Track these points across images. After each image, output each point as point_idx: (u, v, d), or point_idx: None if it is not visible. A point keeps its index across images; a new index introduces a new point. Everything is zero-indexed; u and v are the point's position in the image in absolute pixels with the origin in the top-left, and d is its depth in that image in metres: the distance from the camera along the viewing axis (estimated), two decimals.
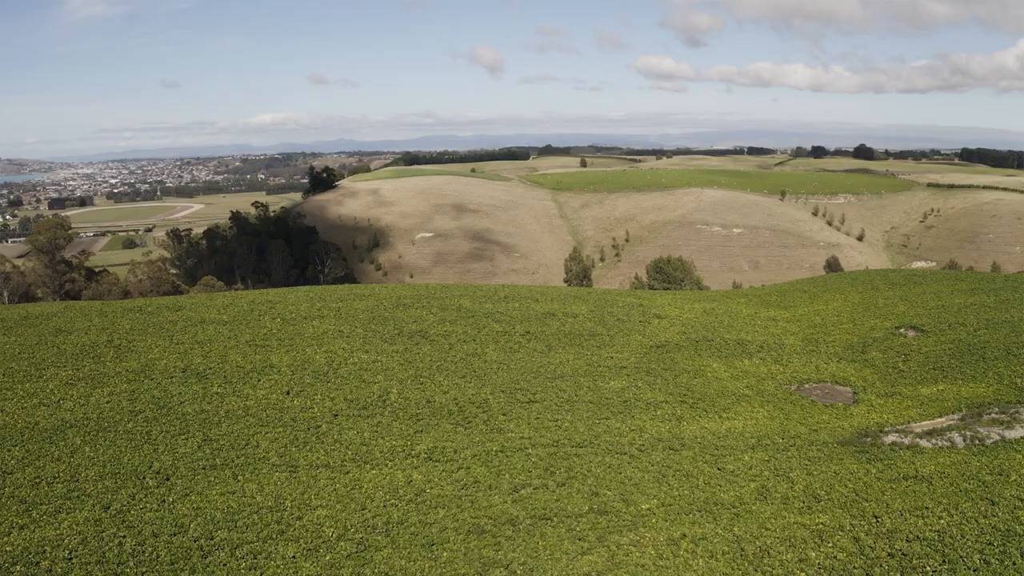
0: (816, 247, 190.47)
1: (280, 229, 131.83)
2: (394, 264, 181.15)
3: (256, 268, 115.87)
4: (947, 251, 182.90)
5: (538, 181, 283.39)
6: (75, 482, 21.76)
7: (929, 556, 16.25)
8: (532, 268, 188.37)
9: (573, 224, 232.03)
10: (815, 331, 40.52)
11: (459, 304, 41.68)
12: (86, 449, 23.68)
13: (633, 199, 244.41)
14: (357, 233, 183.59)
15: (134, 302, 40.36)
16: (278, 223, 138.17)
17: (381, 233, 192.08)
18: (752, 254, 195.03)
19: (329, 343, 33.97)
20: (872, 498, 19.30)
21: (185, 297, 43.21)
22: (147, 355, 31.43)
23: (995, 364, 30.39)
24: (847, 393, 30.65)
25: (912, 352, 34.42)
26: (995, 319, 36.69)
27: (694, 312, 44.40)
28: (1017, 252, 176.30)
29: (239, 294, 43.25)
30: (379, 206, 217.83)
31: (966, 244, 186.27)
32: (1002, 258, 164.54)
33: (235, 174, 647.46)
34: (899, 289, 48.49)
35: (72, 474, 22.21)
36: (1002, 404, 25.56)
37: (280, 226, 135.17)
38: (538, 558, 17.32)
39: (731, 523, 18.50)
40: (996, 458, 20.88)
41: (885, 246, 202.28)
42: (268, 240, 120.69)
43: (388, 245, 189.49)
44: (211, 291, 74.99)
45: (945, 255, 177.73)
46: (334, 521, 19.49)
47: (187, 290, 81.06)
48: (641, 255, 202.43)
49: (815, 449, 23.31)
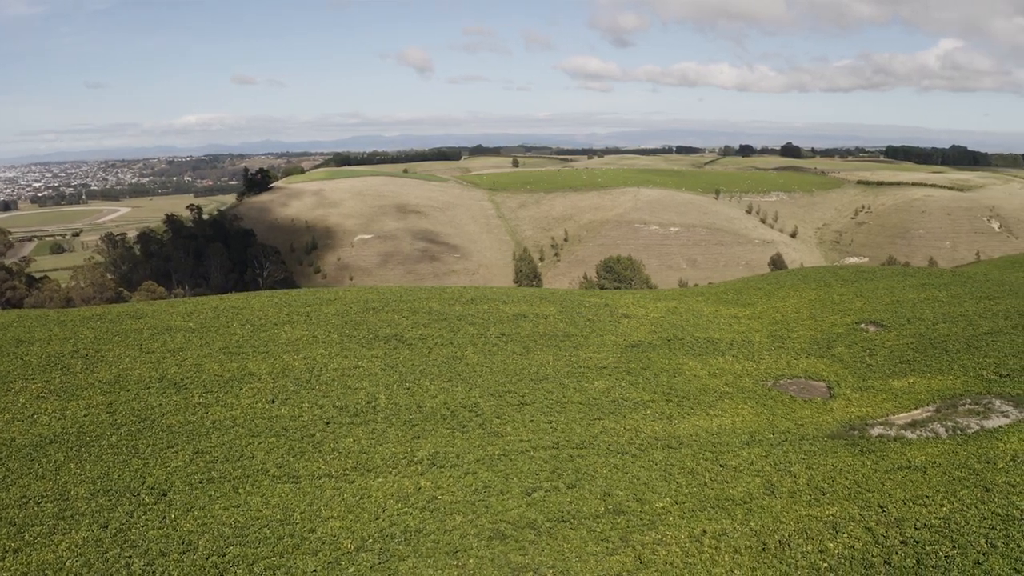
0: (752, 245, 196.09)
1: (217, 232, 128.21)
2: (339, 265, 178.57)
3: (194, 272, 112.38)
4: (879, 247, 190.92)
5: (474, 181, 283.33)
6: (65, 501, 20.84)
7: (939, 542, 17.03)
8: (472, 269, 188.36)
9: (511, 224, 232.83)
10: (778, 328, 41.73)
11: (429, 307, 41.39)
12: (71, 466, 22.68)
13: (570, 199, 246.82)
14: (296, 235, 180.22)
15: (91, 310, 38.70)
16: (215, 226, 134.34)
17: (323, 234, 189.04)
18: (690, 252, 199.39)
19: (306, 349, 33.30)
20: (874, 489, 20.09)
21: (145, 304, 41.62)
22: (118, 365, 30.22)
23: (958, 357, 31.94)
24: (822, 388, 31.73)
25: (876, 347, 35.85)
26: (950, 313, 38.54)
27: (659, 311, 45.15)
28: (947, 247, 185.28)
29: (200, 300, 41.93)
30: (321, 207, 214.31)
31: (897, 240, 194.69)
32: (933, 253, 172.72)
33: (161, 176, 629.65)
34: (852, 285, 50.30)
35: (61, 492, 21.26)
36: (973, 395, 26.90)
37: (217, 229, 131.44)
38: (566, 561, 17.43)
39: (746, 518, 18.99)
40: (981, 447, 21.99)
41: (818, 243, 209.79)
42: (205, 244, 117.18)
43: (331, 247, 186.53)
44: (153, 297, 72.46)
45: (877, 251, 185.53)
46: (349, 532, 19.18)
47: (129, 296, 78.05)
48: (581, 254, 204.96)
49: (808, 443, 24.09)
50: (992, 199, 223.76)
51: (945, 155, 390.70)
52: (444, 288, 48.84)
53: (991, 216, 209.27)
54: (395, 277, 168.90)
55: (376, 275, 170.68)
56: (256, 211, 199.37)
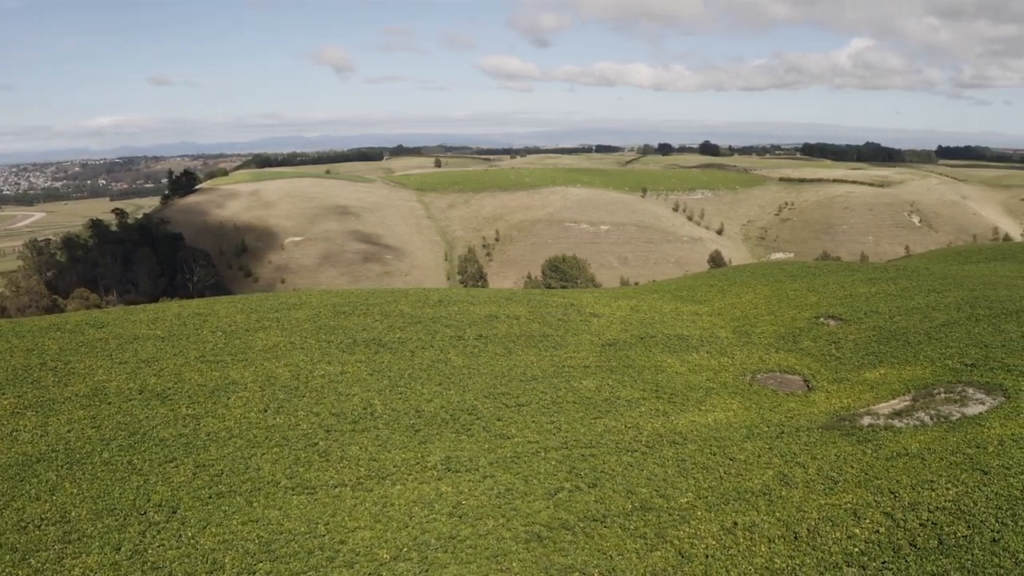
0: (680, 242, 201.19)
1: (144, 237, 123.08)
2: (275, 268, 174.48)
3: (122, 278, 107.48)
4: (804, 242, 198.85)
5: (401, 182, 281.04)
6: (68, 523, 19.79)
7: (955, 523, 18.04)
8: (406, 270, 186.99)
9: (441, 225, 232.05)
10: (741, 324, 43.03)
11: (400, 310, 40.98)
12: (66, 485, 21.55)
13: (499, 199, 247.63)
14: (226, 238, 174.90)
15: (47, 319, 36.69)
16: (141, 230, 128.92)
17: (256, 237, 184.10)
18: (620, 250, 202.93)
19: (286, 356, 32.50)
20: (880, 476, 21.08)
21: (102, 312, 39.71)
22: (92, 377, 28.80)
23: (922, 348, 33.71)
24: (798, 381, 32.97)
25: (840, 340, 37.44)
26: (904, 306, 40.60)
27: (623, 310, 45.93)
28: (870, 241, 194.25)
29: (161, 307, 40.31)
30: (252, 209, 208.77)
31: (821, 235, 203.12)
32: (856, 248, 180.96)
33: (75, 180, 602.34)
34: (801, 281, 52.29)
35: (61, 514, 20.17)
36: (946, 385, 28.49)
37: (144, 233, 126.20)
38: (610, 559, 17.66)
39: (770, 509, 19.64)
40: (968, 433, 23.34)
41: (743, 239, 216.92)
42: (133, 248, 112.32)
43: (265, 249, 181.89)
44: (87, 304, 69.06)
45: (802, 246, 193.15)
46: (381, 541, 18.89)
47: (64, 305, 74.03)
48: (513, 254, 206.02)
49: (805, 435, 25.04)
50: (912, 194, 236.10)
51: (860, 152, 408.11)
52: (409, 290, 48.40)
53: (911, 211, 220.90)
54: (335, 279, 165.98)
55: (315, 277, 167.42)
56: (183, 214, 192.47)
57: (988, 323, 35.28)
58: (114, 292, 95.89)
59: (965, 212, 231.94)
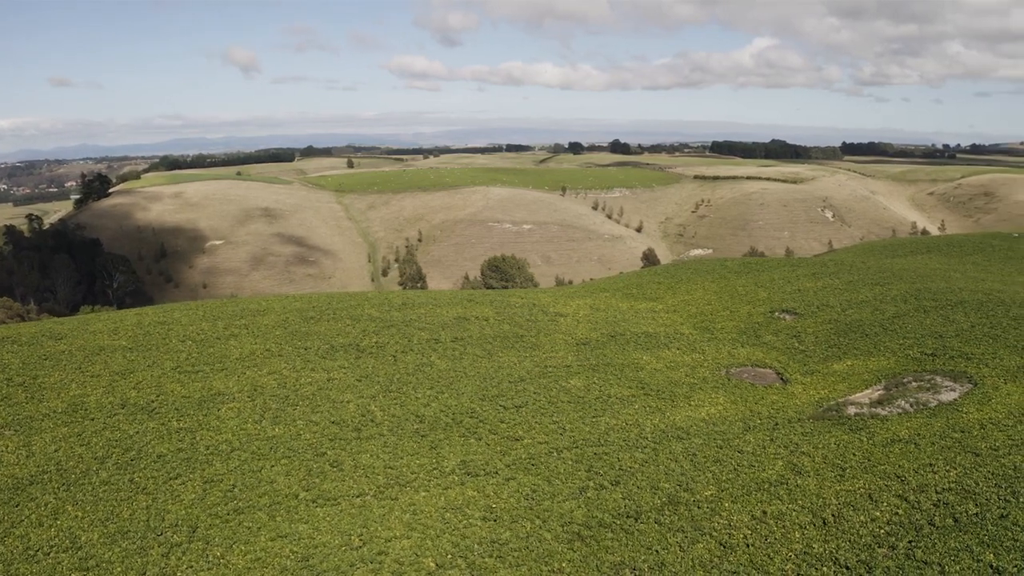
0: (601, 240, 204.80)
1: (60, 243, 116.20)
2: (206, 271, 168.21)
3: (39, 286, 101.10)
4: (721, 239, 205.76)
5: (319, 183, 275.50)
6: (80, 549, 18.76)
7: (964, 502, 19.33)
8: (328, 272, 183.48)
9: (362, 226, 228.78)
10: (700, 320, 44.38)
11: (368, 314, 40.40)
12: (68, 508, 20.38)
13: (420, 199, 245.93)
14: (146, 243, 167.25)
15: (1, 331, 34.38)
16: (57, 236, 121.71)
17: (182, 241, 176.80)
18: (543, 249, 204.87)
19: (267, 364, 31.57)
20: (883, 462, 22.32)
21: (55, 323, 37.35)
22: (66, 392, 27.23)
23: (880, 340, 35.69)
24: (771, 374, 34.33)
25: (800, 333, 39.18)
26: (853, 299, 42.83)
27: (584, 308, 46.65)
28: (786, 236, 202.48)
29: (117, 315, 38.33)
30: (175, 213, 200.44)
31: (739, 231, 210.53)
32: (773, 243, 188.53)
33: None
34: (746, 276, 54.26)
35: (71, 540, 19.09)
36: (914, 374, 30.33)
37: (60, 239, 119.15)
38: (655, 553, 18.08)
39: (791, 497, 20.52)
40: (949, 419, 24.97)
41: (662, 236, 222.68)
42: (50, 255, 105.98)
43: (192, 253, 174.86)
44: (10, 314, 64.85)
45: (720, 243, 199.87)
46: (422, 549, 18.72)
47: None
48: (437, 254, 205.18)
49: (798, 426, 26.20)
50: (824, 190, 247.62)
51: (768, 149, 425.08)
52: (370, 294, 47.70)
53: (824, 206, 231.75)
54: (268, 282, 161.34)
55: (245, 280, 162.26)
56: (100, 218, 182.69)
57: (937, 314, 37.68)
58: (31, 301, 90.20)
59: (876, 207, 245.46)
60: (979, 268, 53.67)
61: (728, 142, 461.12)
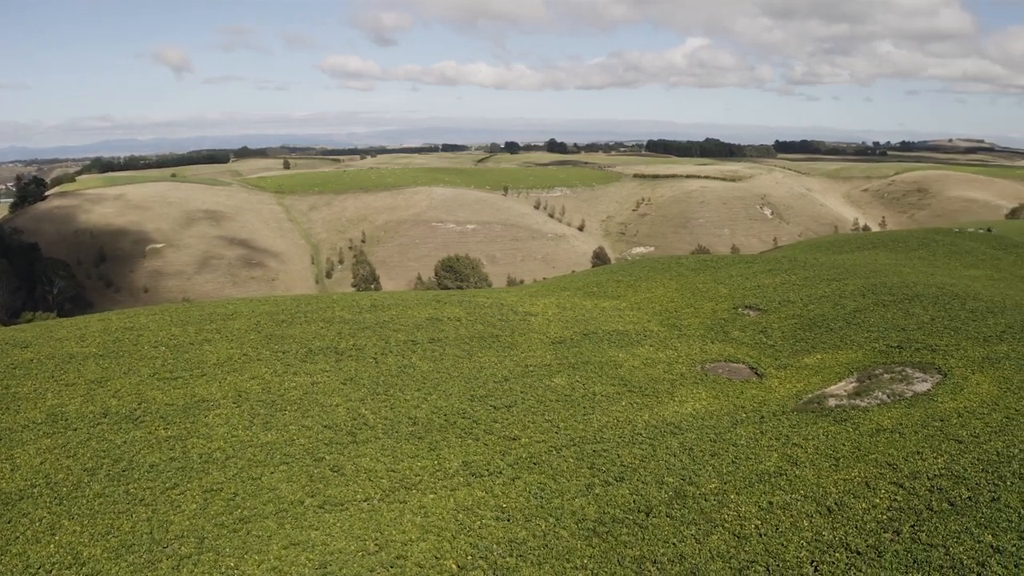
0: (545, 239, 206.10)
1: None
2: (152, 273, 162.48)
3: None
4: (663, 236, 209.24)
5: (259, 185, 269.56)
6: (84, 565, 18.07)
7: (956, 487, 20.32)
8: (273, 275, 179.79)
9: (304, 228, 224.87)
10: (665, 317, 45.23)
11: (340, 316, 39.89)
12: (64, 523, 19.59)
13: (362, 199, 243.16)
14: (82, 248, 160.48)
15: None
16: None
17: (126, 245, 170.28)
18: (488, 248, 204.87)
19: (247, 368, 30.87)
20: (872, 451, 23.24)
21: (14, 330, 35.65)
22: (43, 402, 26.12)
23: (845, 334, 37.06)
24: (744, 369, 35.26)
25: (767, 329, 40.35)
26: (813, 295, 44.33)
27: (551, 308, 47.00)
28: (726, 234, 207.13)
29: (78, 323, 36.80)
30: (117, 216, 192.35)
31: (680, 229, 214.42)
32: (714, 240, 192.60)
33: None
34: (704, 274, 55.50)
35: (73, 556, 18.37)
36: (885, 366, 31.63)
37: None
38: (673, 546, 18.44)
39: (793, 487, 21.19)
40: (927, 409, 26.16)
41: (604, 234, 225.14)
42: None
43: (134, 256, 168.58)
44: None
45: (662, 240, 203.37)
46: (440, 551, 18.65)
47: None
48: (381, 255, 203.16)
49: (785, 418, 27.03)
50: (762, 188, 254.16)
51: (703, 147, 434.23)
52: (338, 296, 47.04)
53: (763, 204, 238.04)
54: (213, 285, 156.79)
55: (194, 283, 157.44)
56: (38, 222, 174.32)
57: (896, 308, 39.35)
58: None
59: (813, 204, 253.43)
60: (926, 263, 56.24)
61: (664, 141, 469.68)
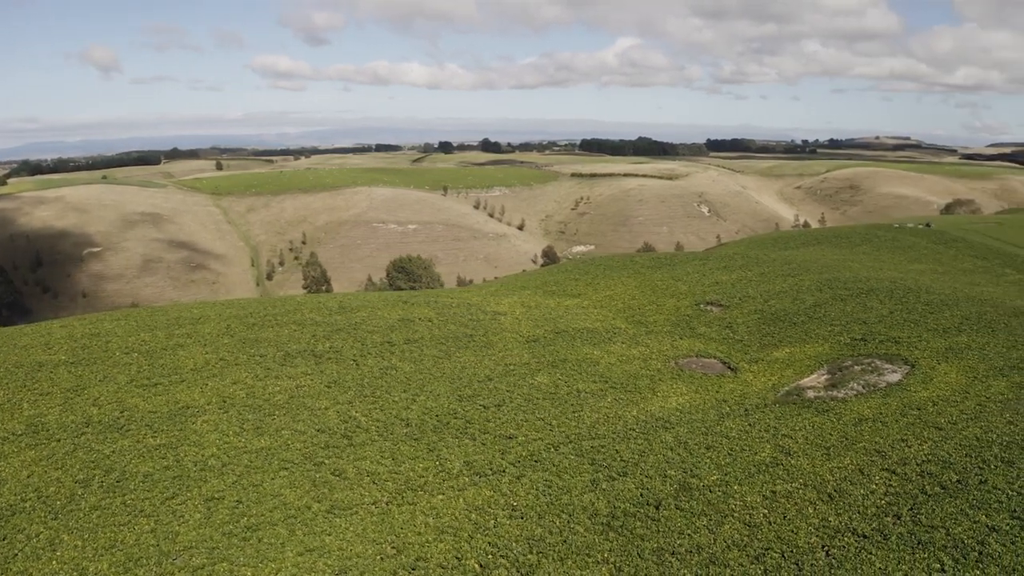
0: (486, 239, 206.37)
1: None
2: (92, 277, 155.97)
3: None
4: (603, 235, 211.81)
5: (194, 186, 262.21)
6: None
7: (945, 471, 21.37)
8: (212, 278, 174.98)
9: (243, 230, 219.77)
10: (630, 314, 45.99)
11: (310, 318, 39.27)
12: (64, 538, 18.80)
13: (301, 200, 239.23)
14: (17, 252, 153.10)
15: None
16: None
17: (63, 248, 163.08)
18: (430, 248, 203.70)
19: (227, 373, 30.11)
20: (860, 439, 24.20)
21: None
22: (19, 412, 24.92)
23: (808, 327, 38.39)
24: (717, 364, 36.17)
25: (732, 324, 41.48)
26: (771, 290, 45.76)
27: (516, 307, 47.25)
28: (665, 232, 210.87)
29: (41, 329, 35.18)
30: (57, 218, 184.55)
31: (619, 227, 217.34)
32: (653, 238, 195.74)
33: None
34: (659, 271, 56.54)
35: (79, 572, 17.74)
36: (855, 358, 32.91)
37: None
38: (688, 537, 18.86)
39: (791, 477, 21.92)
40: (902, 398, 27.37)
41: (544, 233, 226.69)
42: None
43: (72, 260, 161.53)
44: None
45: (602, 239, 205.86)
46: (460, 552, 18.63)
47: None
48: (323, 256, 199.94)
49: (769, 410, 27.89)
50: (699, 186, 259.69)
51: (636, 146, 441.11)
52: (305, 298, 46.19)
53: (700, 202, 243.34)
54: (154, 288, 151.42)
55: (132, 287, 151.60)
56: None
57: (854, 302, 40.97)
58: None
59: (748, 201, 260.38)
60: (872, 258, 58.68)
61: (597, 140, 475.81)
